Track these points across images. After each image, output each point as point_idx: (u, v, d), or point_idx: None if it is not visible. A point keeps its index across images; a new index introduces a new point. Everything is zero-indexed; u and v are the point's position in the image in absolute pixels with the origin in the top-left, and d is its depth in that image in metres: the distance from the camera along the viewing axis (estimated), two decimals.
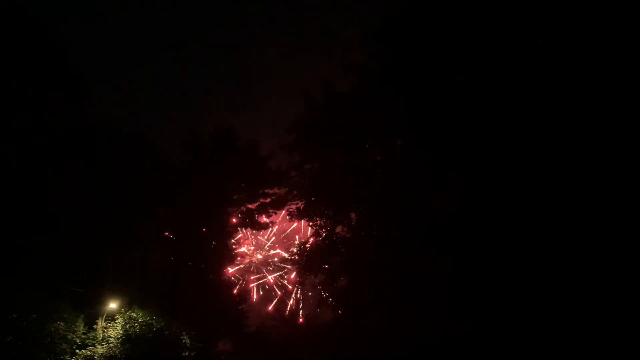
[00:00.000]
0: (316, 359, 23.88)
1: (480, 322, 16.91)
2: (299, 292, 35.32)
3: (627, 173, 14.77)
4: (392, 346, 19.50)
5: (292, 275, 30.42)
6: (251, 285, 45.35)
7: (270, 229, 39.87)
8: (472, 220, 17.61)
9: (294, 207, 26.69)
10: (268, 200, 35.71)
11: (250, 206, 35.36)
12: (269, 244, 48.19)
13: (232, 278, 39.66)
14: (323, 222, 24.06)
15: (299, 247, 25.95)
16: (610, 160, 15.05)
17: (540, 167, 16.38)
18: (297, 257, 25.14)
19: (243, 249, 42.68)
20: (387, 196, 22.68)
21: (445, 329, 17.82)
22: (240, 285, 41.77)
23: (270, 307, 39.81)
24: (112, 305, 25.11)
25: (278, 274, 46.87)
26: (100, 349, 23.28)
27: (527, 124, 16.88)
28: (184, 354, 25.90)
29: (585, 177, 15.52)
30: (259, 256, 46.04)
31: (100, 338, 24.06)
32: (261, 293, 46.83)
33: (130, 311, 24.81)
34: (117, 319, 24.68)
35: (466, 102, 18.54)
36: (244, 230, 38.55)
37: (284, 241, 48.99)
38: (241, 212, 35.53)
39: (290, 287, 42.56)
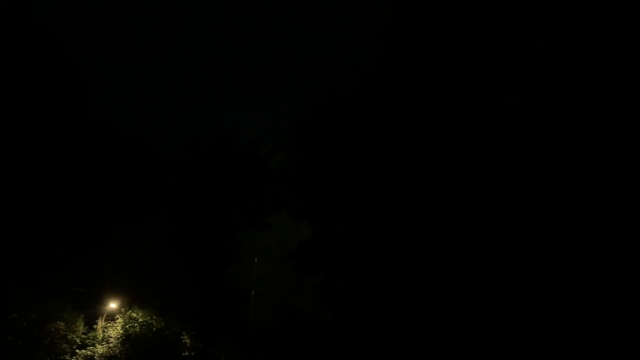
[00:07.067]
0: (316, 359, 23.87)
1: (480, 322, 16.93)
2: (298, 292, 35.26)
3: (627, 174, 14.76)
4: (392, 346, 19.51)
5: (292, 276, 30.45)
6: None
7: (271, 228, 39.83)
8: (472, 221, 17.61)
9: (294, 207, 26.69)
10: (268, 200, 35.69)
11: (250, 206, 35.32)
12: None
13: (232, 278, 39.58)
14: (323, 222, 24.04)
15: (299, 247, 25.92)
16: (610, 161, 15.05)
17: (539, 168, 16.37)
18: (297, 257, 25.11)
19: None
20: (387, 197, 22.67)
21: (444, 329, 17.83)
22: (240, 285, 41.71)
23: (270, 307, 39.74)
24: (112, 305, 25.12)
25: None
26: (100, 349, 23.31)
27: (528, 124, 16.88)
28: (184, 354, 25.91)
29: (586, 178, 15.53)
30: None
31: (100, 338, 24.07)
32: (261, 293, 46.77)
33: (130, 311, 24.81)
34: (117, 319, 24.69)
35: (467, 103, 18.54)
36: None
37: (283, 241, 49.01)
38: (241, 212, 35.49)
39: (290, 287, 42.51)
